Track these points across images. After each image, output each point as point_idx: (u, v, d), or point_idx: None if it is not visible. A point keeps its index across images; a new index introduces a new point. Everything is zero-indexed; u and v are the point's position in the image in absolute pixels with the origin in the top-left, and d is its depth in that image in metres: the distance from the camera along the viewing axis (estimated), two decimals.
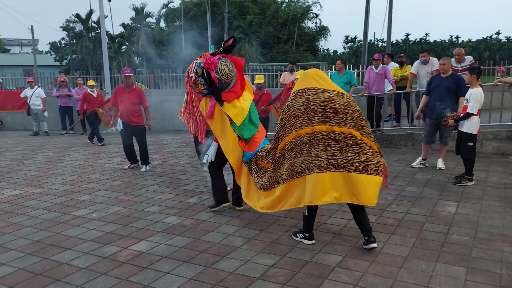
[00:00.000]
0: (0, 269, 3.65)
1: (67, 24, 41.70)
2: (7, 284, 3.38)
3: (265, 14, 40.65)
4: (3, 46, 55.27)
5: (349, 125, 3.75)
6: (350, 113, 3.77)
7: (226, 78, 4.54)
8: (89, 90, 10.95)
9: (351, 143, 3.74)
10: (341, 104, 3.76)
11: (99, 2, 13.25)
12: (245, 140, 4.66)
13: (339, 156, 3.73)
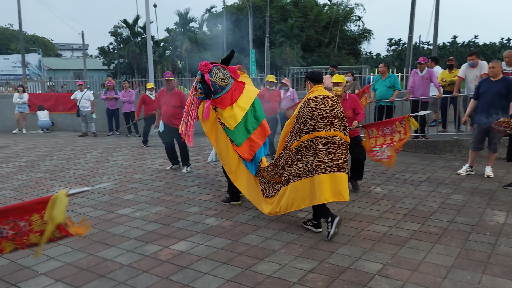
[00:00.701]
0: (49, 263, 3.84)
1: (115, 29, 43.38)
2: (55, 278, 3.55)
3: (307, 17, 40.49)
4: (55, 51, 58.20)
5: (334, 128, 4.13)
6: (335, 116, 4.15)
7: (220, 81, 4.86)
8: (147, 93, 11.01)
9: (337, 145, 4.14)
10: (326, 109, 4.14)
11: (145, 8, 13.71)
12: (236, 144, 4.90)
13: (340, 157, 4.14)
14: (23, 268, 3.75)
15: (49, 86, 17.81)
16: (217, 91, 4.89)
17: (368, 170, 7.37)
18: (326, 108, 4.11)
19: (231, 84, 4.96)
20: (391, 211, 5.13)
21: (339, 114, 4.17)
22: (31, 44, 48.80)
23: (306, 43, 39.95)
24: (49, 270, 3.69)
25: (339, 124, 4.16)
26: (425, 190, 6.05)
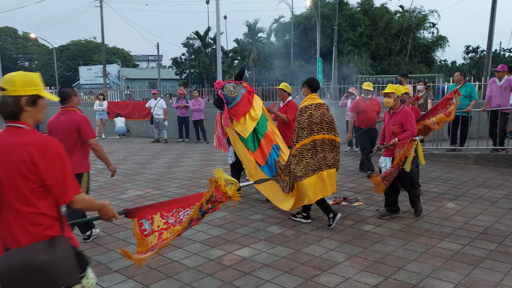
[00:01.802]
0: (122, 261, 4.08)
1: (187, 41, 45.30)
2: (127, 275, 3.77)
3: (377, 25, 39.50)
4: (133, 61, 61.98)
5: (324, 131, 4.79)
6: (325, 120, 4.81)
7: (230, 94, 5.60)
8: None
9: (325, 146, 4.80)
10: (318, 116, 4.79)
11: (216, 20, 14.19)
12: (251, 150, 5.60)
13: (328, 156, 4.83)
14: (99, 264, 4.02)
15: (126, 94, 18.98)
16: (229, 102, 5.65)
17: (440, 184, 7.01)
18: (318, 114, 4.80)
19: (241, 94, 5.69)
20: (465, 228, 4.83)
21: (327, 118, 4.85)
22: (111, 56, 52.43)
23: (375, 51, 38.91)
24: (122, 268, 3.93)
25: (327, 127, 4.83)
26: (503, 208, 5.62)
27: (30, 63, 60.11)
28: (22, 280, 1.97)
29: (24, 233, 2.05)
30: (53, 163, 2.06)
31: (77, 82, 46.02)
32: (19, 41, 56.66)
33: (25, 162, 2.02)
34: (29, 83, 2.11)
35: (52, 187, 2.07)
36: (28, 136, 2.08)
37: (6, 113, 2.09)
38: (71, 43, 56.08)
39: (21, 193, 2.04)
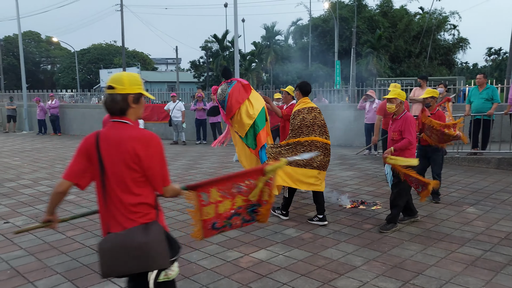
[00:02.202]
0: None
1: (206, 44, 45.64)
2: None
3: (396, 27, 39.11)
4: (152, 65, 62.69)
5: (315, 134, 5.03)
6: (316, 124, 5.06)
7: (220, 97, 5.64)
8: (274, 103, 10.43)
9: (313, 147, 5.00)
10: (310, 119, 5.04)
11: (234, 23, 14.25)
12: (251, 148, 5.65)
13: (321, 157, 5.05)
14: None
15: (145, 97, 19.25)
16: (223, 104, 5.67)
17: (460, 188, 6.89)
18: (310, 118, 5.06)
19: (230, 89, 5.58)
20: (486, 234, 4.73)
21: (319, 122, 5.10)
22: (131, 59, 53.14)
23: (395, 53, 38.52)
24: None
25: (319, 130, 5.07)
26: None
27: (52, 66, 61.43)
28: (121, 259, 2.18)
29: (125, 219, 2.25)
30: (153, 156, 2.26)
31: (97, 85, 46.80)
32: (42, 44, 57.97)
33: (130, 154, 2.22)
34: (135, 82, 2.31)
35: (151, 177, 2.28)
36: (133, 131, 2.29)
37: (114, 110, 2.29)
38: (92, 47, 57.07)
39: (124, 182, 2.25)
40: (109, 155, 2.26)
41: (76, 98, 22.69)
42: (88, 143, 2.32)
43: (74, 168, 2.34)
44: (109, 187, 2.28)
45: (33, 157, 11.15)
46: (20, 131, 19.24)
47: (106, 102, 2.31)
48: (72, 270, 3.95)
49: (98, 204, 2.37)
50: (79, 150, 2.36)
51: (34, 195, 6.89)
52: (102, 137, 2.29)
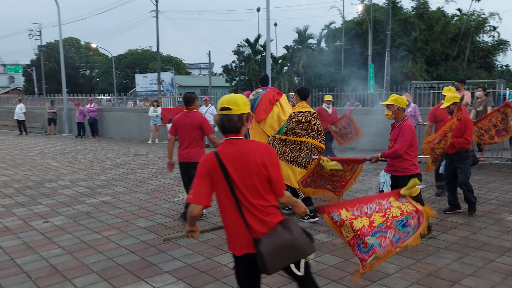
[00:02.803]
0: (173, 263, 4.21)
1: (238, 48, 45.99)
2: (177, 277, 3.88)
3: (433, 29, 38.11)
4: (186, 69, 63.78)
5: (307, 136, 5.44)
6: (311, 127, 5.46)
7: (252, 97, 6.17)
8: (324, 106, 9.52)
9: (303, 147, 5.42)
10: (304, 122, 5.43)
11: (266, 27, 14.33)
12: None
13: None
14: (151, 265, 4.17)
15: (179, 101, 19.56)
16: (253, 104, 6.11)
17: (500, 196, 6.63)
18: (305, 121, 5.44)
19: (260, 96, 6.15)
20: None
21: (315, 126, 5.50)
22: (166, 64, 54.27)
23: (431, 56, 37.52)
24: (173, 269, 4.05)
25: (313, 134, 5.47)
26: None
27: (91, 71, 63.56)
28: (281, 256, 2.45)
29: (261, 223, 2.49)
30: (275, 164, 2.54)
31: (133, 89, 48.05)
32: (82, 50, 60.11)
33: (258, 164, 2.46)
34: (246, 103, 2.56)
35: (275, 182, 2.53)
36: (252, 144, 2.57)
37: (229, 128, 2.51)
38: (129, 52, 58.67)
39: (257, 190, 2.48)
40: (236, 169, 2.47)
41: (113, 102, 23.39)
42: (209, 165, 2.51)
43: (201, 192, 2.51)
44: (242, 199, 2.48)
45: (72, 158, 11.57)
46: (60, 133, 19.99)
47: (222, 121, 2.50)
48: (107, 269, 4.07)
49: (226, 215, 2.54)
50: (200, 173, 2.52)
51: (72, 196, 7.15)
52: (224, 156, 2.49)
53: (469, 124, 5.52)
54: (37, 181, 8.47)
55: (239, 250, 2.54)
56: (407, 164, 4.61)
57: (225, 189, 2.49)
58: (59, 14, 20.12)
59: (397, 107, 4.61)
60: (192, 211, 2.54)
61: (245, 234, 2.49)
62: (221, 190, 2.51)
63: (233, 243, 2.56)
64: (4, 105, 26.73)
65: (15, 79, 69.36)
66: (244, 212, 2.48)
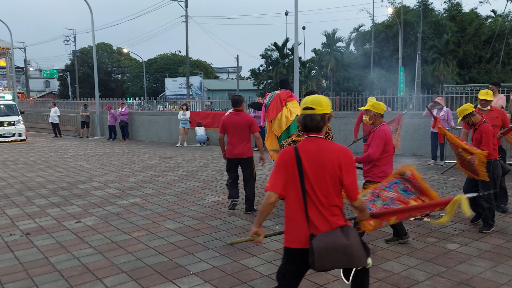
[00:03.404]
0: (200, 265, 4.25)
1: (266, 52, 46.13)
2: (204, 279, 3.92)
3: (465, 31, 37.13)
4: (214, 73, 64.47)
5: None
6: None
7: (267, 100, 7.10)
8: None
9: None
10: None
11: (294, 30, 14.30)
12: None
13: None
14: (178, 267, 4.22)
15: (207, 105, 19.77)
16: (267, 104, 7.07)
17: None
18: None
19: (271, 98, 6.96)
20: None
21: None
22: (195, 68, 55.01)
23: (463, 59, 36.54)
24: (200, 271, 4.09)
25: None
26: None
27: (122, 76, 65.12)
28: (331, 257, 2.51)
29: (323, 221, 2.58)
30: (350, 167, 2.61)
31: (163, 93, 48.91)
32: (114, 55, 61.74)
33: (333, 164, 2.56)
34: (329, 103, 2.68)
35: (349, 185, 2.61)
36: (331, 144, 2.66)
37: (311, 127, 2.65)
38: (159, 57, 59.83)
39: (327, 189, 2.58)
40: (311, 166, 2.58)
41: (143, 105, 23.86)
42: (286, 157, 2.64)
43: (278, 181, 2.63)
44: (311, 193, 2.58)
45: (104, 161, 11.87)
46: (92, 136, 20.56)
47: (305, 120, 2.64)
48: (136, 270, 4.15)
49: (291, 209, 2.63)
50: (278, 164, 2.66)
51: (103, 197, 7.33)
52: (302, 151, 2.62)
53: (485, 133, 5.02)
54: (70, 182, 8.74)
55: (295, 244, 2.61)
56: (376, 170, 4.54)
57: (295, 182, 2.60)
58: (92, 20, 20.74)
59: (374, 112, 4.58)
60: (268, 198, 2.64)
61: (305, 229, 2.58)
62: (292, 183, 2.61)
63: (291, 236, 2.65)
64: (39, 109, 27.73)
65: (51, 84, 71.92)
66: (309, 206, 2.58)
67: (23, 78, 55.59)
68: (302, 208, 2.59)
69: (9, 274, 4.10)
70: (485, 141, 5.00)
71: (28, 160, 12.28)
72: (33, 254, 4.61)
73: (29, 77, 54.80)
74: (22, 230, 5.47)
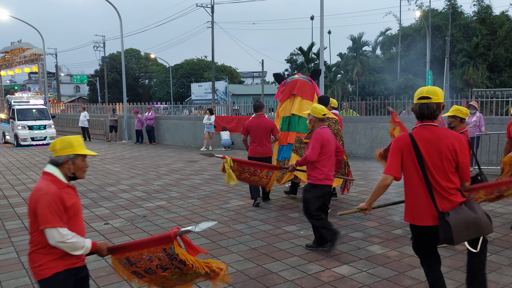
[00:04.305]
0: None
1: (291, 57, 46.09)
2: (228, 282, 3.93)
3: (496, 34, 36.11)
4: (239, 78, 64.78)
5: None
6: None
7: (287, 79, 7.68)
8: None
9: None
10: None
11: (320, 35, 14.25)
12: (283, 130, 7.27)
13: None
14: None
15: (233, 109, 19.90)
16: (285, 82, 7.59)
17: None
18: None
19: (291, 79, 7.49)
20: None
21: (332, 130, 6.04)
22: (220, 73, 55.41)
23: (494, 62, 35.54)
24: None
25: None
26: None
27: (149, 81, 66.28)
28: (465, 230, 2.80)
29: (445, 201, 2.86)
30: (465, 151, 2.87)
31: (189, 98, 49.49)
32: (141, 61, 62.91)
33: (449, 149, 2.84)
34: (442, 93, 2.93)
35: (463, 168, 2.89)
36: (445, 131, 2.92)
37: (428, 115, 2.90)
38: (185, 62, 60.57)
39: (445, 172, 2.85)
40: (428, 151, 2.85)
41: (170, 110, 24.22)
42: (402, 143, 2.94)
43: (393, 164, 2.95)
44: (430, 177, 2.85)
45: (131, 164, 12.10)
46: (120, 140, 21.00)
47: (422, 109, 2.89)
48: None
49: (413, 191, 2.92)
50: (394, 150, 2.97)
51: (130, 200, 7.48)
52: (417, 138, 2.89)
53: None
54: (98, 185, 8.95)
55: (421, 221, 2.89)
56: (316, 173, 4.57)
57: (415, 168, 2.88)
58: (121, 27, 21.24)
59: (312, 116, 4.69)
60: (384, 180, 2.97)
61: (431, 208, 2.85)
62: (410, 168, 2.90)
63: (415, 215, 2.92)
64: (70, 113, 28.54)
65: (81, 89, 73.88)
66: (432, 189, 2.85)
67: (54, 83, 57.36)
68: (425, 190, 2.85)
69: None
70: None
71: None
72: None
73: (60, 82, 56.50)
74: None
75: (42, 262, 2.43)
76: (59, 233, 2.36)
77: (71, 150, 2.54)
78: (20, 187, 8.81)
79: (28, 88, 61.30)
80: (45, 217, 2.35)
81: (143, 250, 2.61)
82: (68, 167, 2.55)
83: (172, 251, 2.53)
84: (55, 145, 2.56)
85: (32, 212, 2.42)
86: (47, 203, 2.36)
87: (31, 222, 2.45)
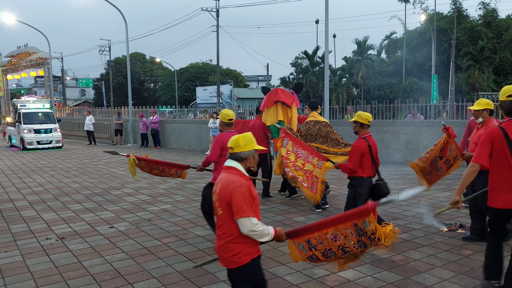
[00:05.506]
0: None
1: (296, 60, 46.11)
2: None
3: (502, 37, 35.96)
4: (244, 82, 64.87)
5: (316, 141, 6.55)
6: (320, 134, 6.57)
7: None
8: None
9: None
10: (314, 130, 6.61)
11: (324, 38, 14.25)
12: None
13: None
14: (207, 273, 4.25)
15: (240, 112, 19.89)
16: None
17: None
18: (315, 129, 6.59)
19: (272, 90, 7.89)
20: None
21: (323, 133, 6.55)
22: (225, 77, 55.56)
23: (500, 66, 35.35)
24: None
25: (321, 139, 6.53)
26: None
27: (154, 85, 66.55)
28: None
29: None
30: None
31: (194, 102, 49.64)
32: (147, 65, 63.19)
33: None
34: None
35: None
36: None
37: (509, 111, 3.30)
38: (190, 66, 60.78)
39: None
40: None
41: (175, 113, 24.30)
42: (493, 135, 3.28)
43: (484, 154, 3.26)
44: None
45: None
46: (125, 143, 21.07)
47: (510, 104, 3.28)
48: (166, 275, 4.21)
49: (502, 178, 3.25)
50: (485, 141, 3.29)
51: (135, 203, 7.49)
52: (509, 130, 3.23)
53: None
54: (104, 188, 8.97)
55: (504, 205, 3.26)
56: (216, 174, 4.77)
57: (506, 156, 3.20)
58: (126, 31, 21.36)
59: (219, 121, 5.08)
60: (472, 167, 3.29)
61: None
62: (501, 157, 3.22)
63: (499, 199, 3.28)
64: (75, 117, 28.69)
65: (86, 92, 74.34)
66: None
67: (60, 87, 57.73)
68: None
69: (45, 277, 4.25)
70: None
71: (64, 166, 12.70)
72: (67, 258, 4.76)
73: (65, 86, 56.83)
74: (57, 235, 5.66)
75: (238, 250, 2.63)
76: (251, 222, 2.55)
77: (252, 146, 2.75)
78: (26, 191, 8.85)
79: (34, 92, 61.74)
80: (240, 207, 2.53)
81: (329, 228, 2.76)
82: (250, 161, 2.74)
83: (364, 225, 2.68)
84: (239, 141, 2.73)
85: (226, 203, 2.59)
86: (241, 194, 2.55)
87: (223, 213, 2.62)
